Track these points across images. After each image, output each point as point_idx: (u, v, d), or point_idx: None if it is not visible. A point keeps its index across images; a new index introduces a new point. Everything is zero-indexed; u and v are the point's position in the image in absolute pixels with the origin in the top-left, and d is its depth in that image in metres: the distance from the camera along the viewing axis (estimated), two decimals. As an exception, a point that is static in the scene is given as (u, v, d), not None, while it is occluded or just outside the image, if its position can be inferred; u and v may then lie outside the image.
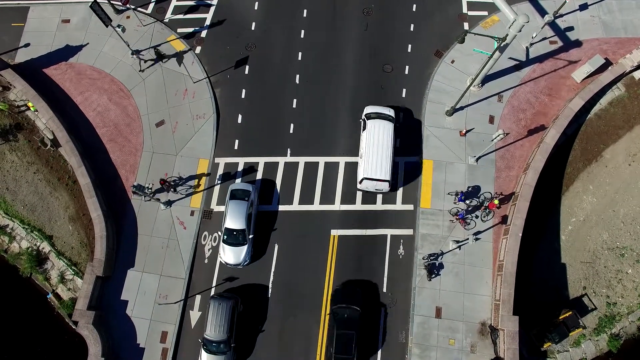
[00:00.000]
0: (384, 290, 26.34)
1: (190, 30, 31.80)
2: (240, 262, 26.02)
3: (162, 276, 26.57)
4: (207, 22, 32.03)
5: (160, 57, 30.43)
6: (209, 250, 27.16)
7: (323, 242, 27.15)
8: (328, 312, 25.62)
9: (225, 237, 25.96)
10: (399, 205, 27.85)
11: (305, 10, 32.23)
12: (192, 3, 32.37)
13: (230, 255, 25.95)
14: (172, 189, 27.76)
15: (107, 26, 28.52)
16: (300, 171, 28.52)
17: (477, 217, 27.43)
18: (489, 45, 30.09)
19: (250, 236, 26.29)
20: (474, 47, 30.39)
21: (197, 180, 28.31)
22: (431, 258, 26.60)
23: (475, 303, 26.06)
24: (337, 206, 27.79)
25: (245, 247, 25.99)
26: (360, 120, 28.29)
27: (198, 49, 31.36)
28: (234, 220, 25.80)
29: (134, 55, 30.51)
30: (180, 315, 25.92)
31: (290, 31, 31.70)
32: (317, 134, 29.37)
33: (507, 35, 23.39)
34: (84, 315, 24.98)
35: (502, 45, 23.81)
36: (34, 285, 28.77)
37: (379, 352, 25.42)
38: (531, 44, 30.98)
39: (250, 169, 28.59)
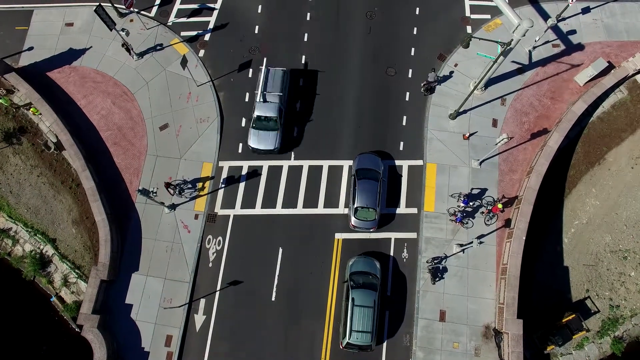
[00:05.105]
0: (388, 293, 26.43)
1: (194, 33, 31.83)
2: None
3: (166, 280, 26.60)
4: (211, 26, 32.06)
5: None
6: (213, 253, 27.18)
7: (327, 246, 27.21)
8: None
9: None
10: (402, 209, 27.92)
11: (308, 14, 32.28)
12: (195, 6, 32.41)
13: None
14: (176, 193, 27.78)
15: (111, 30, 28.57)
16: (305, 175, 28.57)
17: (474, 217, 27.47)
18: (492, 49, 30.17)
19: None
20: (478, 51, 30.43)
21: (201, 183, 28.35)
22: (435, 261, 26.67)
23: (479, 306, 26.14)
24: (341, 210, 27.85)
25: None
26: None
27: (201, 52, 31.40)
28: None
29: (137, 57, 30.63)
30: (184, 319, 25.92)
31: (293, 34, 31.74)
32: (321, 137, 29.41)
33: (511, 40, 23.48)
34: (88, 319, 24.99)
35: (506, 49, 23.87)
36: (37, 288, 28.75)
37: (383, 356, 25.47)
38: (534, 48, 31.09)
39: (254, 172, 28.64)
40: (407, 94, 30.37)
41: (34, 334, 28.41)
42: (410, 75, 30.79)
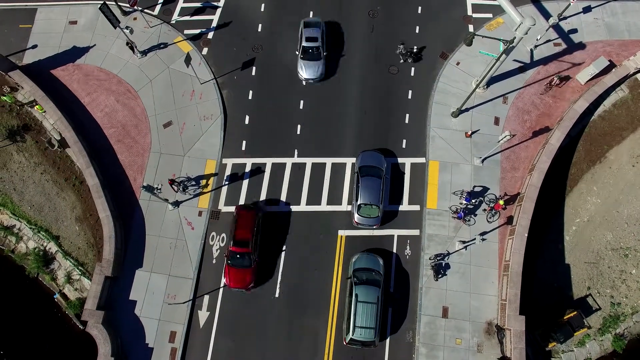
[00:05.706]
0: (391, 290, 26.56)
1: (197, 31, 31.95)
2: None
3: (170, 276, 26.70)
4: (214, 24, 32.19)
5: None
6: (216, 250, 27.30)
7: (330, 243, 27.33)
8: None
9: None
10: (405, 206, 28.06)
11: (311, 13, 32.42)
12: (198, 5, 32.54)
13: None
14: (180, 190, 27.89)
15: (115, 27, 28.68)
16: (308, 172, 28.69)
17: (476, 215, 27.62)
18: (494, 47, 30.38)
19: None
20: (480, 49, 30.61)
21: (204, 180, 28.46)
22: (438, 258, 26.81)
23: (482, 303, 26.27)
24: (344, 207, 27.97)
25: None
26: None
27: (205, 51, 31.51)
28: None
29: (141, 55, 30.77)
30: (188, 315, 26.04)
31: (296, 33, 31.87)
32: (324, 134, 29.54)
33: (514, 38, 23.63)
34: (93, 315, 25.08)
35: (508, 47, 24.01)
36: (40, 285, 28.85)
37: (386, 352, 25.60)
38: (535, 46, 31.26)
39: (258, 169, 28.76)
40: (410, 92, 30.51)
41: (37, 331, 28.47)
42: (412, 74, 30.93)
